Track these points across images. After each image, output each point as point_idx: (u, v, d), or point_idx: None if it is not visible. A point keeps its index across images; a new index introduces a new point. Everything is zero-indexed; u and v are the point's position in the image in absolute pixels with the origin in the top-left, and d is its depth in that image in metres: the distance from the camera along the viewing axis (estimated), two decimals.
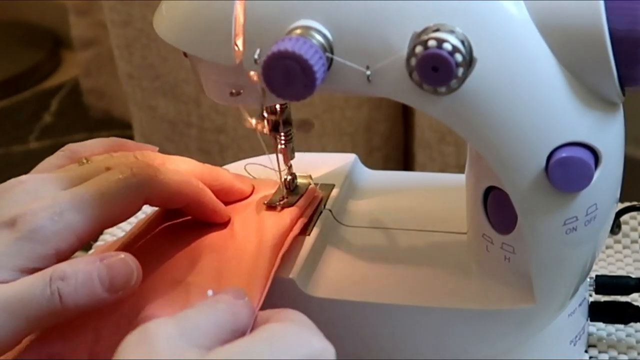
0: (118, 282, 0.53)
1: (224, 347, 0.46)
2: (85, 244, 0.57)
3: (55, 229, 0.54)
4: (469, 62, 0.49)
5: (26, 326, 0.52)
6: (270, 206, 0.64)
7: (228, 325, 0.48)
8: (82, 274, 0.52)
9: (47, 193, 0.56)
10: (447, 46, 0.48)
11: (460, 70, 0.48)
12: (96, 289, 0.52)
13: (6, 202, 0.55)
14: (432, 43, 0.48)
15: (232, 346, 0.46)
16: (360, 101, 1.47)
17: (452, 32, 0.49)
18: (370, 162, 0.74)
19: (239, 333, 0.48)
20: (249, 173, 0.68)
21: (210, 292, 0.52)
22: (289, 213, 0.62)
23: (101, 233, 0.59)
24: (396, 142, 1.55)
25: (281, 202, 0.64)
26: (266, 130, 0.63)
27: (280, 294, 0.57)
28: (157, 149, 0.64)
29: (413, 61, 0.49)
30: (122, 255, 0.54)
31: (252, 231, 0.61)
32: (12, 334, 0.52)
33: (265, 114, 0.62)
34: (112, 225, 0.58)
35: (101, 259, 0.53)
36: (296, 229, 0.62)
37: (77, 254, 0.58)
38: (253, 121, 0.63)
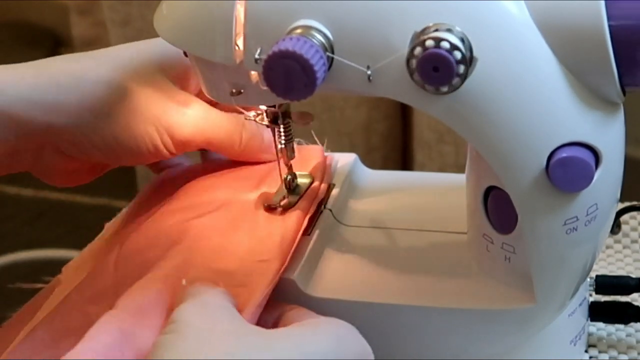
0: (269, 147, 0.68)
1: (293, 325, 0.51)
2: None
3: None
4: (470, 61, 0.49)
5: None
6: (271, 207, 0.64)
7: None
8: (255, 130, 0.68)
9: None
10: (448, 46, 0.48)
11: (461, 70, 0.48)
12: (261, 146, 0.68)
13: None
14: (432, 43, 0.48)
15: (300, 326, 0.51)
16: (359, 101, 1.47)
17: (452, 31, 0.49)
18: (369, 161, 0.74)
19: None
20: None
21: (184, 282, 0.55)
22: (295, 216, 0.62)
23: None
24: (395, 141, 1.55)
25: (282, 203, 0.64)
26: (266, 122, 0.63)
27: (281, 294, 0.57)
28: None
29: (413, 61, 0.49)
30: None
31: (258, 233, 0.62)
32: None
33: (265, 107, 0.63)
34: None
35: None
36: (301, 231, 0.62)
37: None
38: (251, 114, 0.63)
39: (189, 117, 0.65)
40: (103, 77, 0.63)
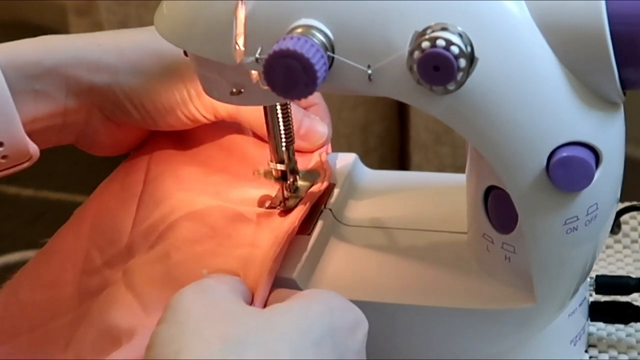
0: None
1: (285, 302, 0.52)
2: None
3: None
4: (470, 61, 0.49)
5: None
6: (272, 208, 0.64)
7: (241, 293, 0.54)
8: None
9: None
10: (445, 44, 0.48)
11: (462, 70, 0.48)
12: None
13: None
14: (433, 42, 0.48)
15: (292, 303, 0.52)
16: (356, 102, 1.47)
17: (453, 31, 0.48)
18: (367, 163, 0.74)
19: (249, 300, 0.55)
20: None
21: (205, 272, 0.57)
22: (294, 216, 0.62)
23: None
24: (392, 143, 1.55)
25: (280, 205, 0.64)
26: (272, 177, 0.64)
27: None
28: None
29: (414, 60, 0.49)
30: None
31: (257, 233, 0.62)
32: None
33: (272, 164, 0.64)
34: None
35: None
36: (295, 229, 0.62)
37: None
38: (262, 171, 0.65)
39: None
40: (141, 40, 0.67)
